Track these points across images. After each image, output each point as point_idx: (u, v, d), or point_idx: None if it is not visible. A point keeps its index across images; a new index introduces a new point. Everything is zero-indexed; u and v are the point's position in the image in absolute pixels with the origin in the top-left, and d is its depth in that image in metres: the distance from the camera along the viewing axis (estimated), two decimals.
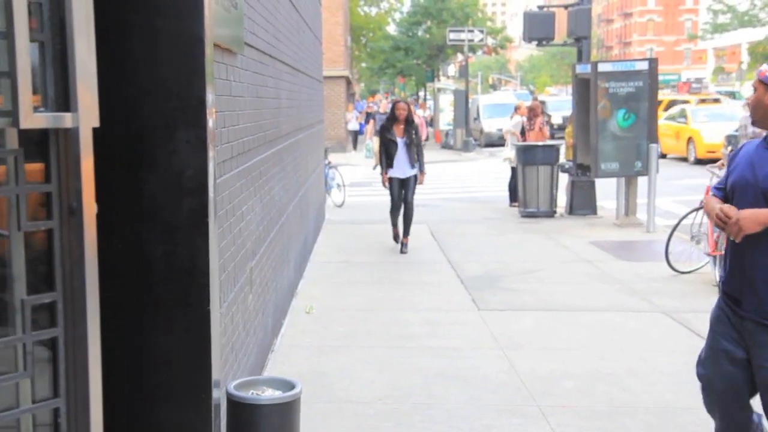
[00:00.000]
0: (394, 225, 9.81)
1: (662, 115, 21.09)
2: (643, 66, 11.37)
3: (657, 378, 5.16)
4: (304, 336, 6.12)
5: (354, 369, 5.35)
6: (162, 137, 2.50)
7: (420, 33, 40.45)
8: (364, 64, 51.02)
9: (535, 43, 13.90)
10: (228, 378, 3.86)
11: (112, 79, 2.46)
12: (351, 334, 6.18)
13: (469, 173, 20.99)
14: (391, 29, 45.08)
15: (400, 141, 9.44)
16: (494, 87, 68.37)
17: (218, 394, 2.69)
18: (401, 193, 9.55)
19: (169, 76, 2.47)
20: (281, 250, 6.31)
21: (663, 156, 29.69)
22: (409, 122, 9.44)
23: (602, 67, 11.46)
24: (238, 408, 3.19)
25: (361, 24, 43.16)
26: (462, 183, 18.43)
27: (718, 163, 8.71)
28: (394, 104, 9.85)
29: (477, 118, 30.90)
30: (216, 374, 2.64)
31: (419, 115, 21.78)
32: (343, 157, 23.91)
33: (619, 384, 5.04)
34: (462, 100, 28.18)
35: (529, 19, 13.13)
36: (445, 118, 30.67)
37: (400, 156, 9.40)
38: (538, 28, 13.02)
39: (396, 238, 9.82)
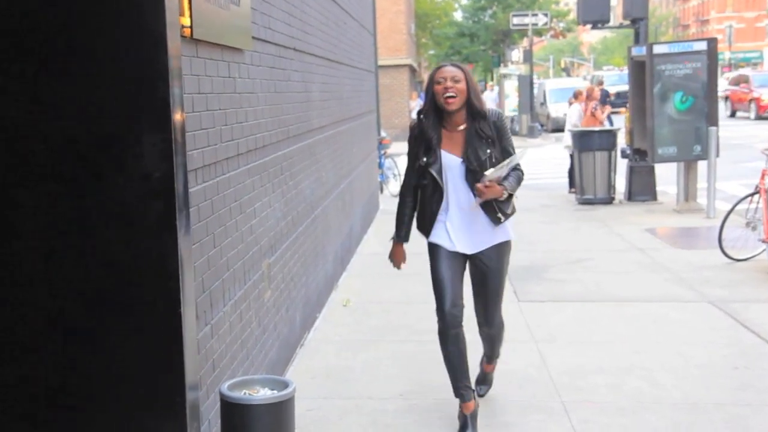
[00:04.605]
0: (455, 383, 4.24)
1: None
2: (702, 46, 10.98)
3: (690, 372, 4.98)
4: (337, 330, 6.11)
5: (380, 364, 5.31)
6: (128, 141, 2.49)
7: (486, 18, 39.99)
8: (431, 52, 50.76)
9: (590, 26, 13.54)
10: (237, 376, 3.87)
11: (81, 82, 2.47)
12: (383, 327, 6.14)
13: (532, 159, 20.67)
14: (458, 15, 44.70)
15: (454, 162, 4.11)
16: (566, 71, 67.19)
17: (194, 396, 2.68)
18: (456, 287, 4.16)
19: (132, 78, 2.46)
20: (314, 243, 6.31)
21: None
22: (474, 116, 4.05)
23: (658, 49, 11.11)
24: (230, 408, 3.19)
25: (427, 11, 42.90)
26: (524, 169, 18.14)
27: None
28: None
29: (543, 103, 30.43)
30: (191, 376, 2.63)
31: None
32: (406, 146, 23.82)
33: (649, 379, 4.87)
34: (527, 86, 27.76)
35: (584, 1, 12.80)
36: (511, 104, 30.28)
37: (456, 191, 4.12)
38: (593, 10, 12.68)
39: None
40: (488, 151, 4.04)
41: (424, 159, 4.09)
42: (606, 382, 4.85)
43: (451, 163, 4.08)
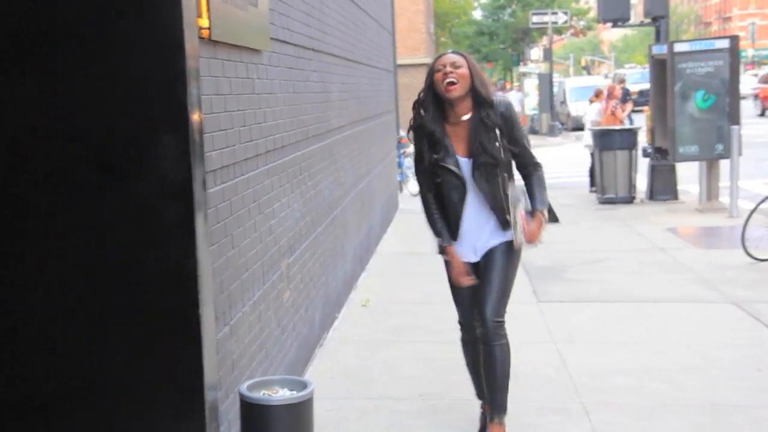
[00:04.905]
0: (477, 388, 4.19)
1: None
2: (724, 44, 10.87)
3: (713, 374, 4.93)
4: (356, 330, 6.10)
5: (399, 364, 5.30)
6: (145, 142, 2.50)
7: (505, 17, 39.87)
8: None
9: (610, 24, 13.46)
10: (256, 377, 3.88)
11: (98, 83, 2.48)
12: (402, 327, 6.13)
13: (552, 158, 20.55)
14: (477, 14, 44.59)
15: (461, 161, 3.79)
16: (587, 69, 66.82)
17: (213, 397, 2.69)
18: (474, 299, 3.94)
19: (150, 79, 2.47)
20: (333, 243, 6.31)
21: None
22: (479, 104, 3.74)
23: (679, 47, 11.03)
24: (249, 409, 3.20)
25: (446, 10, 42.83)
26: (543, 169, 18.06)
27: None
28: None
29: (564, 102, 30.30)
30: (210, 377, 2.64)
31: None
32: None
33: (671, 380, 4.83)
34: (547, 84, 27.64)
35: None
36: (531, 103, 30.16)
37: (469, 202, 3.83)
38: (613, 8, 12.59)
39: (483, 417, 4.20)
40: (497, 143, 3.69)
41: (434, 156, 3.71)
42: (626, 384, 4.81)
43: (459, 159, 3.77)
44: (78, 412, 2.49)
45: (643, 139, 12.35)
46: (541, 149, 23.39)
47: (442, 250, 3.94)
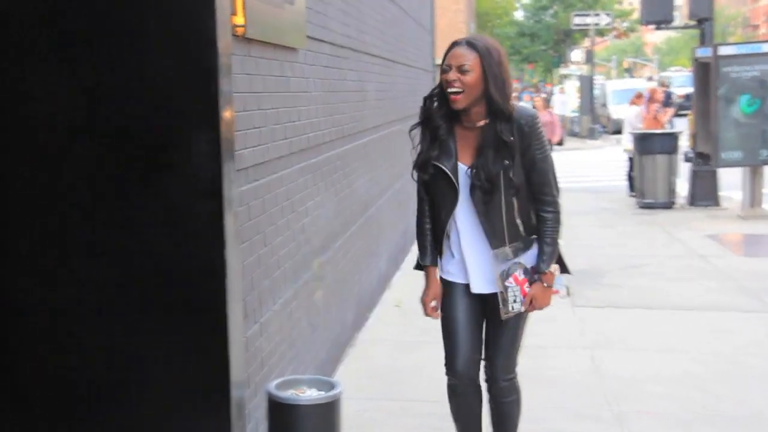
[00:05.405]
0: None
1: None
2: None
3: (750, 383, 4.82)
4: (388, 330, 6.08)
5: (429, 366, 5.24)
6: (176, 140, 2.50)
7: (547, 18, 39.59)
8: None
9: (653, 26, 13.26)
10: (286, 375, 3.87)
11: (128, 81, 2.49)
12: (434, 329, 6.03)
13: (592, 161, 20.40)
14: (519, 15, 44.34)
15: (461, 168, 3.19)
16: (630, 72, 66.08)
17: (240, 395, 2.69)
18: (474, 335, 3.41)
19: (182, 77, 2.47)
20: (367, 242, 6.29)
21: None
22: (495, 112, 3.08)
23: (724, 50, 10.83)
24: (277, 408, 3.19)
25: (487, 10, 42.65)
26: (582, 171, 17.90)
27: None
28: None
29: (605, 105, 29.97)
30: (236, 375, 2.64)
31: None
32: None
33: (707, 389, 4.73)
34: (587, 87, 27.37)
35: (647, 0, 12.52)
36: (571, 105, 29.88)
37: (462, 220, 3.20)
38: (656, 10, 12.40)
39: None
40: (506, 162, 3.02)
41: (431, 152, 3.12)
42: (661, 392, 4.72)
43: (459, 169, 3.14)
44: (104, 409, 2.50)
45: (684, 144, 12.16)
46: (579, 152, 23.23)
47: (420, 267, 3.42)
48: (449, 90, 3.02)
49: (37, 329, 2.47)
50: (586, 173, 17.53)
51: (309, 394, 3.20)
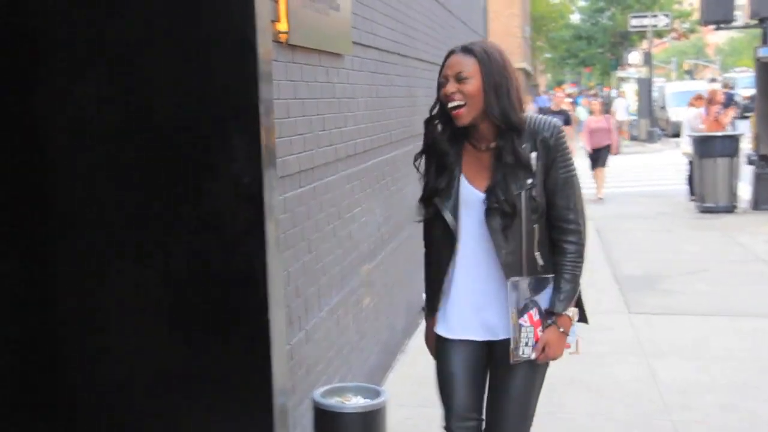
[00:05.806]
0: None
1: None
2: None
3: None
4: None
5: None
6: (220, 145, 2.50)
7: (603, 20, 39.05)
8: (547, 55, 49.94)
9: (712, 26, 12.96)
10: (333, 382, 3.86)
11: (169, 87, 2.50)
12: None
13: (650, 165, 20.02)
14: (575, 18, 43.84)
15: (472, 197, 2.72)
16: (690, 74, 64.80)
17: (283, 401, 2.67)
18: (472, 391, 2.87)
19: (222, 83, 2.47)
20: (418, 248, 6.24)
21: None
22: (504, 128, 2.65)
23: None
24: (322, 415, 3.18)
25: (543, 13, 42.28)
26: (640, 175, 17.60)
27: None
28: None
29: (663, 107, 29.43)
30: (279, 382, 2.62)
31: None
32: None
33: (766, 399, 4.58)
34: (646, 89, 26.90)
35: (707, 0, 12.25)
36: (629, 108, 29.37)
37: (473, 241, 2.73)
38: (716, 10, 12.11)
39: None
40: (528, 181, 2.62)
41: (437, 186, 2.72)
42: (720, 402, 4.58)
43: (469, 198, 2.68)
44: (144, 415, 2.51)
45: (747, 146, 11.85)
46: (638, 156, 22.83)
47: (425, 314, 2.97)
48: (450, 105, 2.64)
49: (79, 335, 2.50)
50: (645, 177, 17.23)
51: (354, 402, 3.19)
